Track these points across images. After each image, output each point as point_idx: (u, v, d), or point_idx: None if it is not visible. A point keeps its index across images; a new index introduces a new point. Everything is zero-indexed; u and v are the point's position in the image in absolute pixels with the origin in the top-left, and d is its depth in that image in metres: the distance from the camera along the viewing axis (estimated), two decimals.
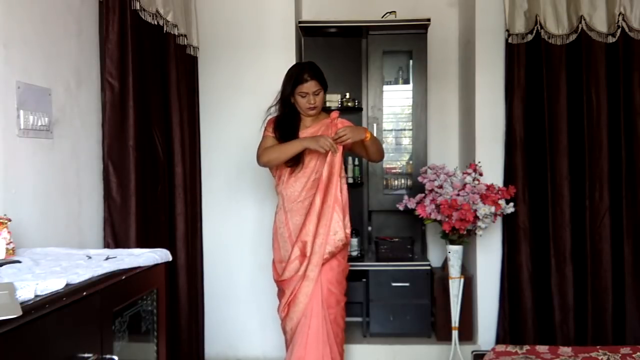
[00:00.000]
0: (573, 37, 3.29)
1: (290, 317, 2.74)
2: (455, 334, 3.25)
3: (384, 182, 3.86)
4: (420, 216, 3.17)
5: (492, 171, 3.36)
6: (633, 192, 3.22)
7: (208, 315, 3.50)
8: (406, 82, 3.92)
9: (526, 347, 2.92)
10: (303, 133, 2.81)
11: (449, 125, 4.05)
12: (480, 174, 3.18)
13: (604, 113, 3.26)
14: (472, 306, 3.52)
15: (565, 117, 3.30)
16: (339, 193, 2.70)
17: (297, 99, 2.76)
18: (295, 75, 2.75)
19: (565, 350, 2.89)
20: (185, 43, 3.20)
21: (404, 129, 3.93)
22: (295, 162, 2.74)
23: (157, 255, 1.67)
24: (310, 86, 2.72)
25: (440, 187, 3.13)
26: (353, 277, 3.58)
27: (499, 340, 3.37)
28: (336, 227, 2.69)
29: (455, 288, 3.22)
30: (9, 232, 1.56)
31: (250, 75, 3.55)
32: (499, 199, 3.09)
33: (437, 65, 3.96)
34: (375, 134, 3.73)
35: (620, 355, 2.77)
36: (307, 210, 2.71)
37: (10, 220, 1.59)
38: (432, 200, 3.12)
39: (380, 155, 2.89)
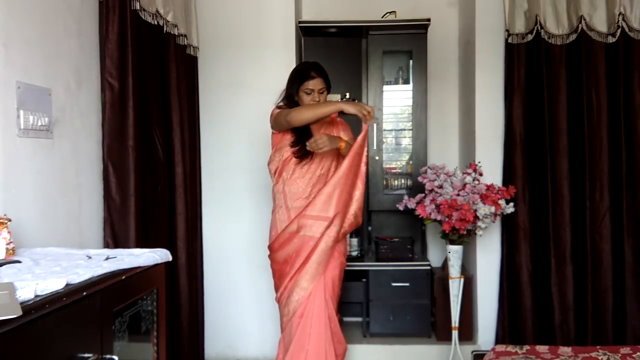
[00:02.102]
0: (573, 37, 3.29)
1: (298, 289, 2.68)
2: (455, 334, 3.25)
3: (384, 182, 3.86)
4: (420, 216, 3.17)
5: (492, 171, 3.37)
6: (633, 192, 3.22)
7: (208, 315, 3.50)
8: (406, 82, 3.92)
9: (526, 347, 2.92)
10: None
11: (449, 125, 4.05)
12: (480, 174, 3.18)
13: (604, 113, 3.26)
14: (472, 306, 3.52)
15: (565, 117, 3.30)
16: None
17: (301, 96, 2.74)
18: (302, 72, 2.76)
19: (565, 350, 2.89)
20: (185, 43, 3.20)
21: (404, 129, 3.92)
22: (304, 152, 2.69)
23: (157, 255, 1.67)
24: (316, 83, 2.72)
25: (440, 187, 3.13)
26: (353, 277, 3.59)
27: (499, 340, 3.37)
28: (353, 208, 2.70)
29: (455, 288, 3.22)
30: (9, 232, 1.56)
31: (250, 75, 3.55)
32: (499, 199, 3.09)
33: (437, 65, 3.96)
34: (375, 134, 3.75)
35: (620, 355, 2.77)
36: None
37: (10, 220, 1.59)
38: (432, 200, 3.12)
39: None
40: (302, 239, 2.66)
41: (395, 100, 3.93)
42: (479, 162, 3.27)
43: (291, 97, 2.78)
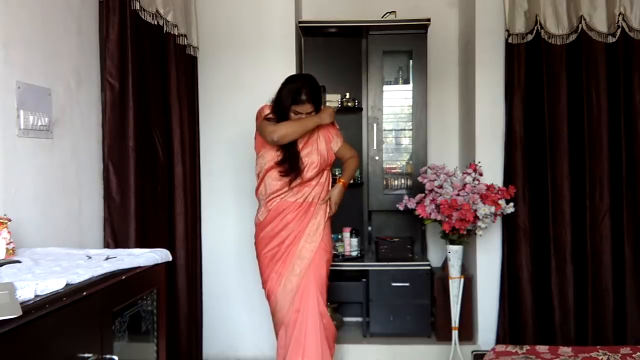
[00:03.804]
0: (573, 37, 3.29)
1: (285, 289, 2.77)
2: (455, 334, 3.25)
3: (384, 182, 3.86)
4: (420, 216, 3.16)
5: (492, 171, 3.36)
6: (633, 192, 3.22)
7: (207, 315, 3.50)
8: (406, 82, 3.92)
9: (526, 347, 2.92)
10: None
11: (449, 125, 4.05)
12: (480, 174, 3.18)
13: (604, 113, 3.26)
14: (472, 306, 3.52)
15: (566, 117, 3.29)
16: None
17: (290, 115, 2.76)
18: (294, 93, 2.73)
19: (565, 350, 2.89)
20: (185, 43, 3.20)
21: (404, 129, 3.92)
22: (290, 171, 2.74)
23: (157, 255, 1.67)
24: (305, 108, 2.75)
25: (440, 187, 3.13)
26: (353, 277, 3.59)
27: (499, 340, 3.37)
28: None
29: (455, 288, 3.22)
30: (9, 232, 1.56)
31: (250, 75, 3.55)
32: (499, 199, 3.09)
33: (437, 65, 3.96)
34: (375, 134, 3.75)
35: (620, 355, 2.77)
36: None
37: (10, 220, 1.59)
38: (432, 200, 3.12)
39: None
40: (305, 207, 2.78)
41: (395, 100, 3.93)
42: (479, 162, 3.27)
43: (279, 110, 2.77)
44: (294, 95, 2.73)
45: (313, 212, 2.80)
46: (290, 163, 2.74)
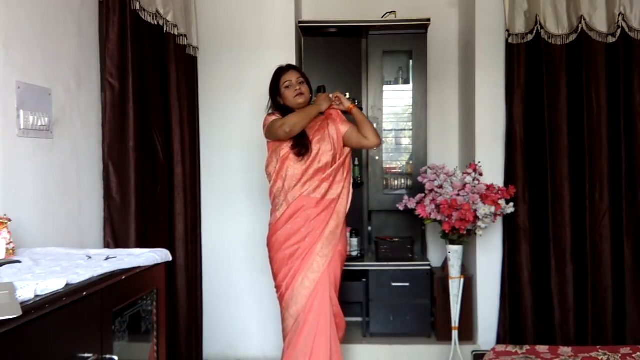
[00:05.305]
0: (573, 37, 3.29)
1: (295, 299, 2.73)
2: (455, 334, 3.25)
3: (384, 182, 3.86)
4: (420, 216, 3.17)
5: (492, 171, 3.36)
6: (633, 192, 3.22)
7: (207, 315, 3.50)
8: (406, 82, 3.92)
9: (526, 347, 2.92)
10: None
11: (449, 125, 4.05)
12: (480, 174, 3.18)
13: (604, 113, 3.26)
14: (472, 306, 3.52)
15: (565, 117, 3.30)
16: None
17: (283, 92, 2.81)
18: (276, 72, 2.89)
19: (565, 350, 2.89)
20: (185, 43, 3.20)
21: (404, 129, 3.93)
22: (304, 150, 2.75)
23: (157, 255, 1.67)
24: (291, 74, 2.84)
25: (440, 187, 3.13)
26: (353, 277, 3.59)
27: (499, 340, 3.37)
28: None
29: (455, 288, 3.22)
30: (9, 232, 1.57)
31: (250, 75, 3.55)
32: (499, 199, 3.09)
33: (437, 65, 3.96)
34: None
35: (620, 355, 2.77)
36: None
37: (10, 220, 1.59)
38: (432, 200, 3.12)
39: (377, 135, 2.86)
40: (326, 204, 2.77)
41: (395, 100, 3.93)
42: (479, 162, 3.27)
43: (277, 103, 2.84)
44: (277, 73, 2.88)
45: (334, 210, 2.78)
46: (302, 145, 2.76)
